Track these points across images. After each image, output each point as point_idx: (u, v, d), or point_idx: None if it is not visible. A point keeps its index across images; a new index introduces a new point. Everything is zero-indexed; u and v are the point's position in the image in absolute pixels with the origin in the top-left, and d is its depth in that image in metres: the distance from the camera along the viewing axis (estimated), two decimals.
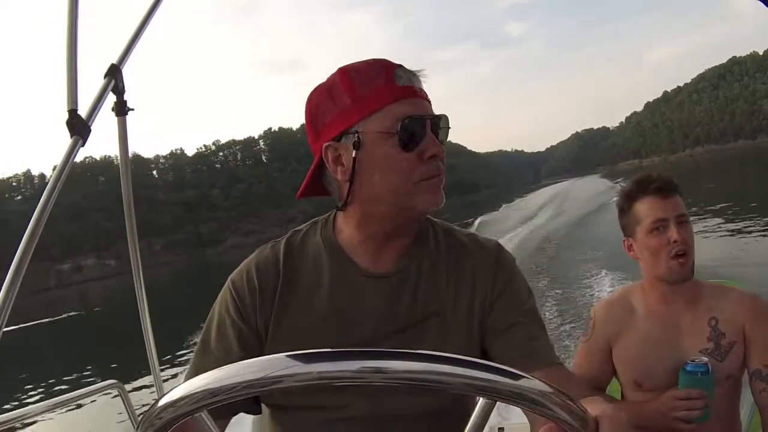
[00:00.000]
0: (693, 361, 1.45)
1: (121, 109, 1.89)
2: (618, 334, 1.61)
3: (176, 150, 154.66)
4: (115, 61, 1.72)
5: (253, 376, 0.53)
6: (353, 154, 0.96)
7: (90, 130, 1.51)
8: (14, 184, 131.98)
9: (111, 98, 1.83)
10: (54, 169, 1.46)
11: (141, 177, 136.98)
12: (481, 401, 0.56)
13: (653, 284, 1.58)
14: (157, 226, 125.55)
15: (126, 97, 1.85)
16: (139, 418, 0.59)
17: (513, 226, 27.48)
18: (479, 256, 1.09)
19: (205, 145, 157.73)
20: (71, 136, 1.47)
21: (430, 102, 1.00)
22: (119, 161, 2.06)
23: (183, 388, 0.55)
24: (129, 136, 1.99)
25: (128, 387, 2.24)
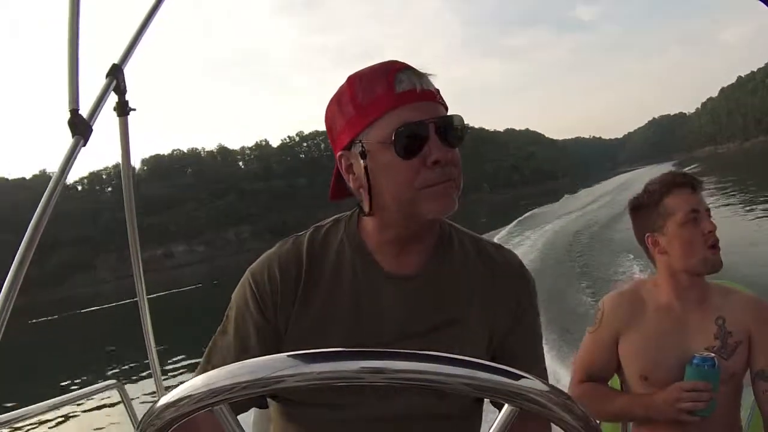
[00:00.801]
0: (701, 354, 1.47)
1: (123, 109, 1.89)
2: (625, 327, 1.62)
3: (261, 141, 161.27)
4: (116, 60, 1.73)
5: (253, 377, 0.53)
6: (362, 164, 0.96)
7: (91, 130, 1.51)
8: (104, 176, 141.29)
9: (113, 98, 1.83)
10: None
11: (228, 167, 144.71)
12: (505, 408, 0.55)
13: (674, 278, 1.59)
14: (245, 215, 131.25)
15: (128, 96, 1.86)
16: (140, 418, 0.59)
17: (551, 219, 27.92)
18: (503, 271, 1.08)
19: (289, 137, 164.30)
20: (72, 136, 1.47)
21: (442, 102, 0.98)
22: (121, 161, 2.06)
23: (183, 388, 0.55)
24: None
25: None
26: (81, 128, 1.48)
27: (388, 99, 0.94)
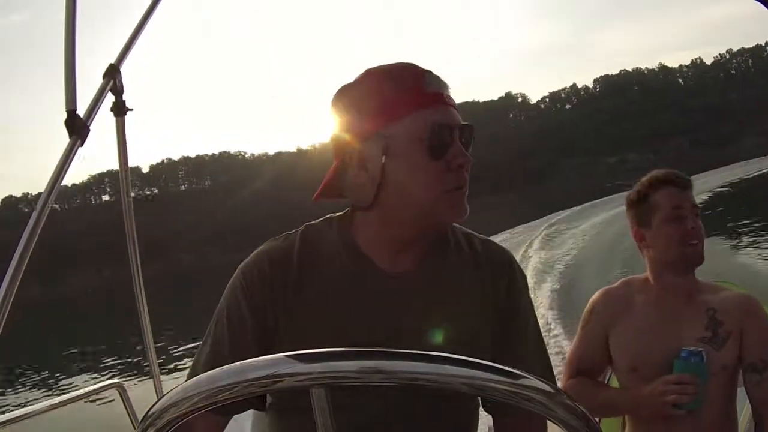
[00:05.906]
0: (689, 348, 1.48)
1: (120, 110, 1.88)
2: (615, 322, 1.64)
3: (696, 59, 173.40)
4: (113, 61, 1.72)
5: (253, 376, 0.53)
6: (381, 159, 0.95)
7: (89, 131, 1.51)
8: (558, 101, 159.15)
9: (110, 99, 1.82)
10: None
11: (668, 85, 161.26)
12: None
13: (659, 274, 1.62)
14: (686, 127, 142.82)
15: (127, 97, 1.85)
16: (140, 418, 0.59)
17: None
18: (493, 266, 1.08)
19: (720, 54, 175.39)
20: (70, 137, 1.46)
21: (457, 110, 0.99)
22: (118, 161, 2.06)
23: (184, 388, 0.55)
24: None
25: None
26: (78, 128, 1.48)
27: (420, 97, 0.95)
